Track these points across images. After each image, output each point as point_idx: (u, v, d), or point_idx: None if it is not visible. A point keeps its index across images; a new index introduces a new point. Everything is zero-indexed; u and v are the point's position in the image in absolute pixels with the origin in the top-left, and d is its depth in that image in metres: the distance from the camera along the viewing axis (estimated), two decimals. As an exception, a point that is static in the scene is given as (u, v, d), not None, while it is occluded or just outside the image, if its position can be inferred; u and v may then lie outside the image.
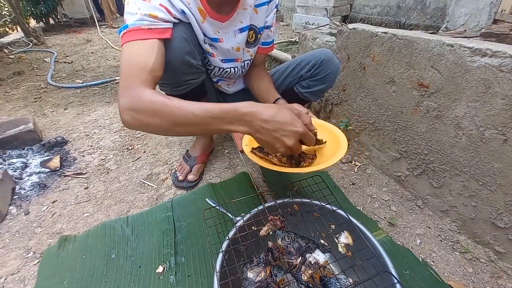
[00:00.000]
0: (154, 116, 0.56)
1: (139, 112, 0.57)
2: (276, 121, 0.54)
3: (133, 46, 0.64)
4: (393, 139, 1.07)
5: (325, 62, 1.01)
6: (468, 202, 0.85)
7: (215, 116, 0.55)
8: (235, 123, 0.55)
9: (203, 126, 0.56)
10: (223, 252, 0.61)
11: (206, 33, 0.84)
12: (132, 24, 0.65)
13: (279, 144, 0.56)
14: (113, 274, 0.80)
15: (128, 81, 0.60)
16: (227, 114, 0.54)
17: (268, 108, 0.55)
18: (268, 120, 0.54)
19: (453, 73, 0.80)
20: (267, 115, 0.54)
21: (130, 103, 0.57)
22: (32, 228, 0.97)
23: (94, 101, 1.98)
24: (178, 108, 0.55)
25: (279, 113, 0.55)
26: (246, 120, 0.54)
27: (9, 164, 1.23)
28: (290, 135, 0.55)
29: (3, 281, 0.80)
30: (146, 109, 0.56)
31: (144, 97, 0.57)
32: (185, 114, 0.55)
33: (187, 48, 0.76)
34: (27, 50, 3.39)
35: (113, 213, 1.02)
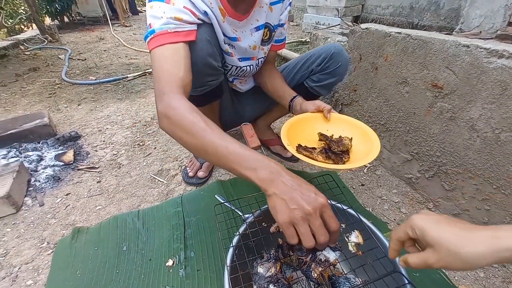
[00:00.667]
0: (189, 136, 0.55)
1: (175, 125, 0.57)
2: (300, 184, 0.48)
3: (163, 51, 0.65)
4: (405, 141, 1.06)
5: (335, 55, 1.01)
6: (481, 205, 0.83)
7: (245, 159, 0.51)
8: (259, 171, 0.49)
9: (227, 163, 0.52)
10: (234, 247, 0.61)
11: (225, 32, 0.85)
12: (159, 29, 0.65)
13: (297, 205, 0.45)
14: (124, 266, 0.82)
15: (164, 86, 0.61)
16: (257, 161, 0.50)
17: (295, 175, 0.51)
18: (292, 179, 0.48)
19: (468, 74, 0.79)
20: (293, 176, 0.49)
21: (166, 111, 0.58)
22: (47, 219, 1.00)
23: (106, 97, 2.02)
24: (212, 139, 0.53)
25: (304, 181, 0.50)
26: (272, 172, 0.49)
27: (25, 157, 1.27)
28: (311, 199, 0.46)
29: (18, 270, 0.83)
30: (183, 126, 0.56)
31: (180, 110, 0.57)
32: (217, 147, 0.52)
33: (209, 50, 0.77)
34: (42, 47, 3.47)
35: (125, 206, 1.04)
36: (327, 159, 0.75)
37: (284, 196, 0.46)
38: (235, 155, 0.51)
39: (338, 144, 0.77)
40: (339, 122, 0.89)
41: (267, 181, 0.48)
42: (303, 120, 0.88)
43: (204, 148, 0.54)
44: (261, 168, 0.49)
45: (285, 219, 0.46)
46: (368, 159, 0.71)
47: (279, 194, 0.47)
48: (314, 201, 0.46)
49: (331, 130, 0.86)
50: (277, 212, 0.47)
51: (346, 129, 0.86)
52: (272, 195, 0.47)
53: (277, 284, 0.53)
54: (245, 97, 1.20)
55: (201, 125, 0.55)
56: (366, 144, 0.79)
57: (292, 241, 0.46)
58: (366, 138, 0.80)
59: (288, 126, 0.82)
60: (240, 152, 0.52)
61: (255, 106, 1.23)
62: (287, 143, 0.75)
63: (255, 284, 0.54)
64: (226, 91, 1.12)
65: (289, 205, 0.46)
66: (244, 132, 1.24)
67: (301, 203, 0.45)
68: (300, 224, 0.45)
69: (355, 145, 0.81)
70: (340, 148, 0.76)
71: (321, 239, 0.46)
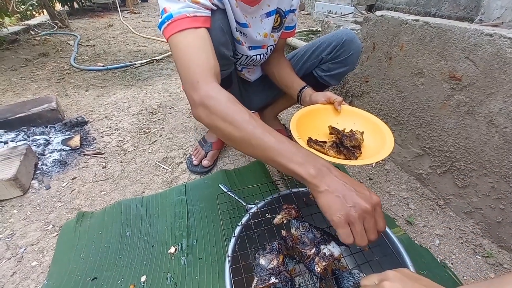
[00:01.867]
0: (231, 126, 0.53)
1: (215, 115, 0.54)
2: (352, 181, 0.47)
3: (186, 36, 0.61)
4: (417, 135, 1.02)
5: (347, 43, 0.96)
6: (496, 204, 0.80)
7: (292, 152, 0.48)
8: (306, 165, 0.47)
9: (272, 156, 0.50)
10: (236, 237, 0.60)
11: (237, 18, 0.81)
12: (177, 13, 0.61)
13: (354, 203, 0.43)
14: (126, 251, 0.82)
15: (195, 74, 0.58)
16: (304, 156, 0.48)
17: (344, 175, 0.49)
18: (344, 177, 0.47)
19: (490, 65, 0.74)
20: (343, 174, 0.47)
21: (204, 100, 0.55)
22: (52, 202, 1.01)
23: (114, 84, 2.02)
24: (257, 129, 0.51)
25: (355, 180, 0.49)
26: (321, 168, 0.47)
27: (32, 140, 1.28)
28: (367, 198, 0.45)
29: (23, 251, 0.84)
30: (224, 115, 0.53)
31: (219, 99, 0.54)
32: (263, 137, 0.50)
33: (222, 39, 0.74)
34: (52, 33, 3.48)
35: (129, 193, 1.04)
36: (338, 154, 0.72)
37: (339, 193, 0.44)
38: (282, 149, 0.49)
39: (350, 139, 0.73)
40: (350, 115, 0.85)
41: (318, 177, 0.46)
42: (312, 112, 0.85)
43: (248, 140, 0.51)
44: (309, 163, 0.47)
45: (341, 217, 0.44)
46: (382, 155, 0.67)
47: (333, 191, 0.45)
48: (370, 199, 0.45)
49: (342, 123, 0.83)
50: (332, 209, 0.44)
51: (357, 123, 0.83)
52: (324, 191, 0.45)
53: (279, 276, 0.52)
54: (253, 87, 1.17)
55: (245, 116, 0.52)
56: (378, 138, 0.75)
57: (348, 240, 0.44)
58: (379, 132, 0.76)
59: (297, 118, 0.79)
60: (288, 146, 0.49)
61: (262, 95, 1.20)
62: (297, 136, 0.71)
63: (256, 276, 0.53)
64: (234, 80, 1.09)
65: (346, 202, 0.44)
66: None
67: (358, 201, 0.44)
68: (356, 222, 0.44)
69: (366, 140, 0.77)
70: (352, 143, 0.72)
71: (371, 237, 0.45)
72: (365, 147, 0.76)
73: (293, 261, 0.67)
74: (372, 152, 0.73)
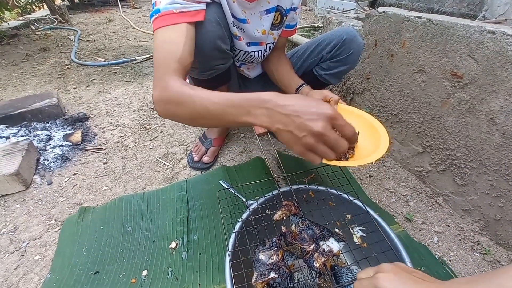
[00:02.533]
0: (180, 106, 0.55)
1: (167, 103, 0.56)
2: (298, 105, 0.44)
3: (164, 32, 0.63)
4: (417, 132, 1.02)
5: (347, 41, 0.95)
6: (495, 202, 0.80)
7: (234, 104, 0.49)
8: (254, 112, 0.47)
9: (223, 116, 0.51)
10: (236, 233, 0.61)
11: (234, 13, 0.81)
12: (164, 8, 0.62)
13: (305, 131, 0.42)
14: (128, 246, 0.83)
15: (159, 71, 0.59)
16: (247, 102, 0.48)
17: (291, 95, 0.47)
18: (289, 105, 0.45)
19: (492, 63, 0.74)
20: (289, 101, 0.45)
21: (160, 94, 0.57)
22: (54, 197, 1.02)
23: (115, 79, 2.01)
24: (201, 98, 0.52)
25: (303, 99, 0.46)
26: (267, 107, 0.46)
27: (34, 136, 1.28)
28: (317, 118, 0.43)
29: (26, 245, 0.85)
30: (174, 100, 0.55)
31: (171, 88, 0.56)
32: (206, 104, 0.51)
33: (219, 32, 0.74)
34: (53, 28, 3.46)
35: (130, 188, 1.05)
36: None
37: (289, 128, 0.44)
38: (226, 107, 0.49)
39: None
40: (346, 114, 0.83)
41: (266, 119, 0.46)
42: None
43: (198, 113, 0.53)
44: (254, 108, 0.47)
45: (301, 149, 0.44)
46: (373, 157, 0.67)
47: (284, 127, 0.45)
48: (320, 118, 0.43)
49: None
50: (290, 144, 0.45)
51: (354, 122, 0.81)
52: (277, 131, 0.46)
53: (278, 272, 0.52)
54: (253, 84, 1.16)
55: (188, 92, 0.53)
56: (374, 140, 0.73)
57: (316, 162, 0.46)
58: (375, 134, 0.75)
59: None
60: (229, 101, 0.49)
61: (262, 93, 1.20)
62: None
63: (256, 271, 0.54)
64: (234, 76, 1.09)
65: (298, 134, 0.43)
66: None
67: (308, 128, 0.43)
68: (315, 147, 0.44)
69: (362, 141, 0.76)
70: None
71: (340, 150, 0.45)
72: (359, 147, 0.75)
73: (293, 256, 0.67)
74: (366, 153, 0.71)
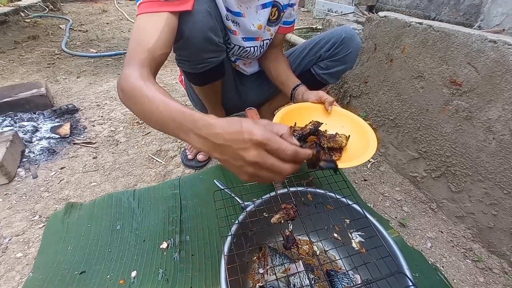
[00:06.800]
0: (132, 102, 0.52)
1: (124, 93, 0.54)
2: (228, 133, 0.40)
3: (144, 19, 0.60)
4: (414, 138, 1.02)
5: (346, 40, 0.94)
6: (488, 210, 0.81)
7: (175, 120, 0.45)
8: (190, 135, 0.44)
9: (165, 127, 0.48)
10: (232, 236, 0.59)
11: (229, 6, 0.79)
12: None
13: (240, 160, 0.40)
14: (117, 245, 0.80)
15: (129, 58, 0.57)
16: (185, 122, 0.44)
17: (225, 121, 0.42)
18: (220, 132, 0.41)
19: (492, 72, 0.75)
20: (220, 127, 0.41)
21: (119, 81, 0.54)
22: (39, 192, 0.97)
23: (106, 72, 1.95)
24: (148, 100, 0.49)
25: (234, 123, 0.41)
26: (200, 135, 0.42)
27: (19, 127, 1.22)
28: (247, 146, 0.39)
29: (8, 241, 0.81)
30: (127, 93, 0.53)
31: (129, 79, 0.53)
32: (152, 108, 0.48)
33: (210, 23, 0.71)
34: (43, 15, 3.35)
35: (120, 185, 1.01)
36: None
37: (225, 157, 0.42)
38: (169, 119, 0.46)
39: (329, 140, 0.72)
40: (339, 117, 0.83)
41: (203, 147, 0.43)
42: (301, 109, 0.83)
43: (144, 112, 0.50)
44: (190, 131, 0.43)
45: (246, 178, 0.42)
46: (355, 162, 0.67)
47: (220, 157, 0.42)
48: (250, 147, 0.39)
49: (330, 124, 0.81)
50: (235, 173, 0.43)
51: (346, 126, 0.81)
52: (218, 159, 0.43)
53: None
54: (249, 81, 1.14)
55: (140, 88, 0.50)
56: (364, 145, 0.73)
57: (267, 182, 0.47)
58: (365, 139, 0.74)
59: (284, 112, 0.78)
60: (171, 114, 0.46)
61: (259, 91, 1.18)
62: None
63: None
64: (229, 71, 1.06)
65: (235, 163, 0.41)
66: (248, 116, 1.20)
67: (240, 157, 0.40)
68: (258, 174, 0.41)
69: (353, 145, 0.75)
70: (330, 144, 0.71)
71: (284, 174, 0.41)
72: (348, 150, 0.75)
73: (289, 261, 0.66)
74: (355, 155, 0.71)
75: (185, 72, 0.89)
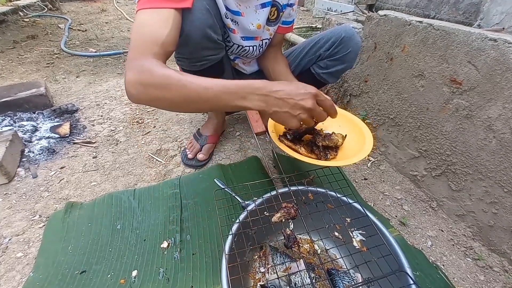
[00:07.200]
0: (167, 91, 0.53)
1: (149, 86, 0.53)
2: (289, 89, 0.54)
3: (148, 14, 0.60)
4: (414, 137, 1.02)
5: (345, 39, 0.94)
6: (489, 208, 0.81)
7: (229, 91, 0.53)
8: (249, 98, 0.53)
9: (217, 101, 0.54)
10: (233, 235, 0.59)
11: (228, 5, 0.79)
12: None
13: (299, 109, 0.54)
14: (117, 244, 0.79)
15: (138, 53, 0.56)
16: (242, 89, 0.53)
17: (280, 82, 0.56)
18: (282, 90, 0.54)
19: (492, 70, 0.75)
20: (280, 87, 0.54)
21: (139, 77, 0.53)
22: (39, 191, 0.97)
23: (106, 71, 1.95)
24: (191, 83, 0.53)
25: (290, 84, 0.56)
26: (261, 94, 0.53)
27: (19, 126, 1.22)
28: (307, 97, 0.54)
29: (8, 241, 0.81)
30: (158, 83, 0.53)
31: (156, 71, 0.53)
32: (198, 89, 0.53)
33: (209, 20, 0.71)
34: (42, 15, 3.33)
35: (121, 184, 1.01)
36: (310, 152, 0.71)
37: (285, 109, 0.54)
38: (220, 92, 0.53)
39: (324, 139, 0.72)
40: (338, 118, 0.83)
41: (263, 104, 0.54)
42: None
43: (187, 97, 0.53)
44: (249, 94, 0.53)
45: (297, 124, 0.56)
46: (348, 161, 0.67)
47: (280, 109, 0.54)
48: (308, 97, 0.54)
49: (327, 124, 0.81)
50: (287, 122, 0.56)
51: (343, 126, 0.81)
52: (274, 113, 0.55)
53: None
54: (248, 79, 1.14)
55: (177, 76, 0.53)
56: (359, 145, 0.73)
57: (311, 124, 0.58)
58: (361, 140, 0.74)
59: None
60: (223, 87, 0.53)
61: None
62: (271, 130, 0.72)
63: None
64: (228, 70, 1.06)
65: (293, 113, 0.54)
66: (249, 116, 1.20)
67: (301, 106, 0.54)
68: (307, 121, 0.56)
69: (349, 144, 0.75)
70: (326, 142, 0.71)
71: (321, 119, 0.59)
72: (344, 150, 0.75)
73: (290, 260, 0.66)
74: (352, 154, 0.71)
75: (184, 70, 0.89)
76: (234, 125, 1.36)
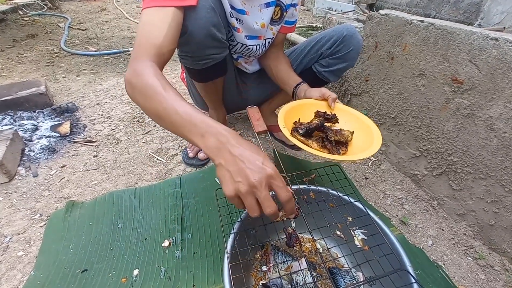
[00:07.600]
0: (147, 100, 0.53)
1: (136, 91, 0.54)
2: (249, 153, 0.44)
3: (150, 13, 0.60)
4: (415, 136, 1.02)
5: (347, 38, 0.94)
6: (489, 207, 0.81)
7: (192, 123, 0.48)
8: (206, 137, 0.46)
9: (179, 128, 0.49)
10: (235, 234, 0.59)
11: (233, 4, 0.79)
12: None
13: (241, 177, 0.43)
14: (118, 243, 0.79)
15: (137, 52, 0.57)
16: (206, 127, 0.47)
17: (248, 142, 0.47)
18: (241, 149, 0.45)
19: (493, 69, 0.75)
20: (242, 145, 0.45)
21: (131, 77, 0.54)
22: (40, 190, 0.97)
23: (106, 70, 1.95)
24: (166, 101, 0.50)
25: (255, 150, 0.46)
26: (220, 141, 0.45)
27: (19, 125, 1.22)
28: (257, 170, 0.43)
29: (9, 240, 0.81)
30: (143, 91, 0.53)
31: (145, 77, 0.53)
32: (170, 110, 0.50)
33: (213, 19, 0.71)
34: (42, 14, 3.33)
35: (121, 183, 1.01)
36: (322, 148, 0.71)
37: (230, 168, 0.44)
38: (184, 120, 0.48)
39: (336, 133, 0.72)
40: (342, 114, 0.83)
41: (215, 150, 0.45)
42: (304, 106, 0.83)
43: (159, 113, 0.51)
44: (209, 134, 0.46)
45: (230, 192, 0.43)
46: (364, 154, 0.67)
47: (225, 165, 0.44)
48: (260, 172, 0.43)
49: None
50: (223, 184, 0.44)
51: (349, 122, 0.81)
52: (219, 165, 0.45)
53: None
54: (251, 79, 1.14)
55: (158, 89, 0.51)
56: (368, 141, 0.73)
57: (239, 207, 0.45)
58: (369, 135, 0.74)
59: (287, 109, 0.78)
60: (190, 116, 0.48)
61: (261, 89, 1.18)
62: (283, 125, 0.71)
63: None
64: (230, 69, 1.06)
65: (234, 177, 0.43)
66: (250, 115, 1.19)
67: (245, 175, 0.42)
68: (244, 197, 0.43)
69: (356, 141, 0.75)
70: (337, 137, 0.71)
71: (267, 211, 0.44)
72: (353, 146, 0.75)
73: (291, 258, 0.66)
74: (359, 150, 0.71)
75: (188, 68, 0.89)
76: (235, 124, 1.36)
